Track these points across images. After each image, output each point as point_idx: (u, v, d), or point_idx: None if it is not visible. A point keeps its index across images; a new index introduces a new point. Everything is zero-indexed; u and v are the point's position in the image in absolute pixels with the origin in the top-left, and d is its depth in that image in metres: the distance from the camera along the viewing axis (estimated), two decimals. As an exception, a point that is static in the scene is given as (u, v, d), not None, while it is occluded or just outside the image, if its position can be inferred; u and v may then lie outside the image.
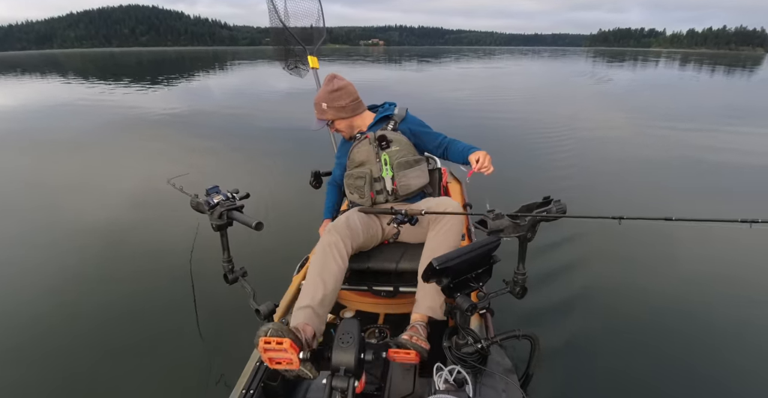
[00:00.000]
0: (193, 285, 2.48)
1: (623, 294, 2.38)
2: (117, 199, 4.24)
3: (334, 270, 1.48)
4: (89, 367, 1.97)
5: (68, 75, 22.83)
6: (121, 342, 2.13)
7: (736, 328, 2.09)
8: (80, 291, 2.64)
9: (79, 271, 2.91)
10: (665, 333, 2.06)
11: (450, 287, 1.26)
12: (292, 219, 3.45)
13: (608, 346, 1.98)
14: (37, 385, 1.88)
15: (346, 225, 1.59)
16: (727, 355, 1.91)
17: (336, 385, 1.18)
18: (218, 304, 2.37)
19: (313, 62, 2.62)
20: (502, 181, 4.20)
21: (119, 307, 2.44)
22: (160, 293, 2.55)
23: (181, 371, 1.92)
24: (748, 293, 2.38)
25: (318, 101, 1.82)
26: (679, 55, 63.00)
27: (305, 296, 1.43)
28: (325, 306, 1.42)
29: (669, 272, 2.59)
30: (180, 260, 2.84)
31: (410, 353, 1.30)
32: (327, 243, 1.52)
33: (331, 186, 2.05)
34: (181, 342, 2.11)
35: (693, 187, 4.28)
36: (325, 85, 1.82)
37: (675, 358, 1.89)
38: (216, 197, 1.39)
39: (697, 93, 13.96)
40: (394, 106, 1.91)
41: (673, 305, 2.27)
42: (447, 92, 12.93)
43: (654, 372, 1.81)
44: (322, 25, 2.75)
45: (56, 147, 6.54)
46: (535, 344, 1.36)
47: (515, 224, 1.20)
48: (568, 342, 1.99)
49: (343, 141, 1.96)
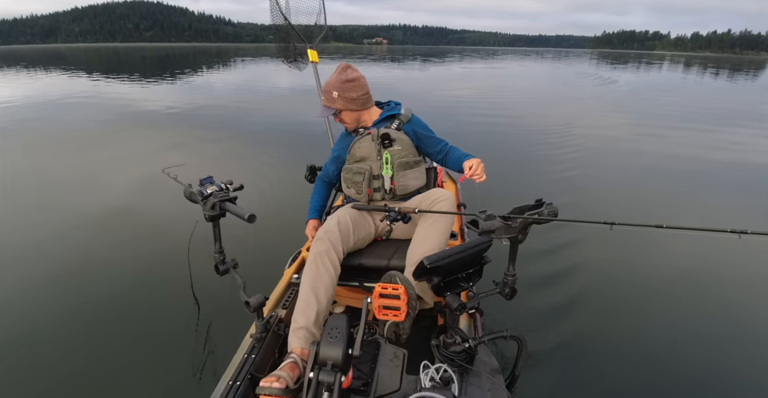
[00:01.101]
0: (191, 276, 2.50)
1: (612, 299, 2.38)
2: (113, 187, 4.25)
3: (326, 282, 1.48)
4: (76, 356, 1.97)
5: (78, 69, 22.83)
6: (109, 332, 2.13)
7: (726, 333, 2.08)
8: (72, 278, 2.64)
9: (71, 257, 2.92)
10: (652, 336, 2.06)
11: (440, 285, 1.26)
12: (285, 213, 3.45)
13: (595, 349, 1.98)
14: (29, 378, 1.88)
15: (338, 229, 1.58)
16: (714, 359, 1.91)
17: (322, 380, 1.18)
18: (208, 295, 2.38)
19: (312, 56, 2.63)
20: (498, 182, 4.21)
21: (109, 296, 2.44)
22: (152, 284, 2.55)
23: (168, 362, 1.92)
24: (738, 299, 2.38)
25: (329, 88, 1.78)
26: (682, 59, 62.78)
27: (301, 316, 1.41)
28: (320, 322, 1.42)
29: (659, 277, 2.59)
30: (174, 251, 2.87)
31: (398, 288, 1.25)
32: (317, 253, 1.51)
33: (320, 182, 2.02)
34: (168, 333, 2.11)
35: (689, 192, 4.27)
36: (339, 74, 1.78)
37: (661, 362, 1.89)
38: (210, 187, 1.39)
39: (700, 95, 13.92)
40: (400, 105, 1.90)
41: (660, 309, 2.28)
42: (451, 91, 12.93)
43: (640, 376, 1.81)
44: (324, 20, 2.75)
45: (64, 137, 6.57)
46: (522, 345, 1.36)
47: (507, 225, 1.20)
48: (554, 344, 1.98)
49: (343, 135, 1.93)
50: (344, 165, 1.85)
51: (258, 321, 1.39)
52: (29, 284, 2.62)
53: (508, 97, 11.92)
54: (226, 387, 1.23)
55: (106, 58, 41.11)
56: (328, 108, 1.81)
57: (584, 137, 6.56)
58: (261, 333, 1.39)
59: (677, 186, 4.40)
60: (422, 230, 1.57)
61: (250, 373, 1.26)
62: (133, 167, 4.99)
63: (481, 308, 1.48)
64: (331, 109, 1.80)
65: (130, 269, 2.74)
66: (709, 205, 3.90)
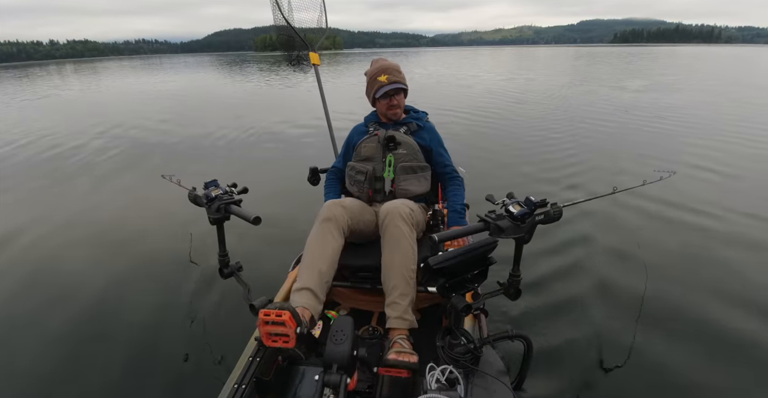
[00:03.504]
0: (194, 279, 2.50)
1: (618, 297, 2.36)
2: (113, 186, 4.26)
3: (332, 246, 1.51)
4: (80, 359, 1.97)
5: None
6: (113, 337, 2.13)
7: (740, 334, 2.04)
8: (77, 276, 2.64)
9: (78, 254, 2.94)
10: (660, 336, 2.04)
11: (446, 287, 1.26)
12: (288, 215, 3.45)
13: (603, 348, 1.96)
14: (32, 376, 1.89)
15: (341, 205, 1.62)
16: (726, 359, 1.89)
17: (328, 381, 1.18)
18: (213, 298, 2.38)
19: (314, 59, 2.63)
20: (500, 183, 4.21)
21: (113, 300, 2.44)
22: (156, 288, 2.54)
23: (173, 365, 1.91)
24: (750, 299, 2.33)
25: (392, 67, 1.83)
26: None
27: (303, 276, 1.44)
28: (324, 284, 1.44)
29: (667, 274, 2.56)
30: (179, 252, 2.87)
31: (401, 372, 1.30)
32: (324, 218, 1.55)
33: (332, 178, 2.01)
34: (173, 337, 2.10)
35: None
36: (385, 61, 1.87)
37: (671, 361, 1.87)
38: (214, 190, 1.40)
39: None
40: (426, 114, 1.97)
41: (669, 307, 2.25)
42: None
43: (649, 377, 1.80)
44: (325, 22, 2.76)
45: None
46: (528, 345, 1.36)
47: (515, 225, 1.21)
48: (561, 345, 1.98)
49: (357, 131, 1.96)
50: (350, 161, 1.88)
51: (262, 324, 1.38)
52: (31, 284, 2.63)
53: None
54: (231, 390, 1.23)
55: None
56: (399, 82, 1.81)
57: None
58: (265, 335, 1.38)
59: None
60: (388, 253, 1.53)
61: (255, 376, 1.26)
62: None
63: (485, 309, 1.47)
64: (400, 84, 1.81)
65: (131, 273, 2.73)
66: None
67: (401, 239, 1.50)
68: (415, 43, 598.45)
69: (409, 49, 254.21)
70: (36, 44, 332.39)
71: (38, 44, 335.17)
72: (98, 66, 52.41)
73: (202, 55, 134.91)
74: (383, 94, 1.81)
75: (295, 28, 2.60)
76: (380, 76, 1.80)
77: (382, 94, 1.81)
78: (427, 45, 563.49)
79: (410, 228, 1.54)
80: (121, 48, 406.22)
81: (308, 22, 2.69)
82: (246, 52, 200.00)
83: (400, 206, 1.56)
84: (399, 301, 1.46)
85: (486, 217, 1.23)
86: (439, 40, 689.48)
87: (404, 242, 1.50)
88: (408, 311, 1.46)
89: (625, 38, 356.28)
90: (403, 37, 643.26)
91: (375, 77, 1.82)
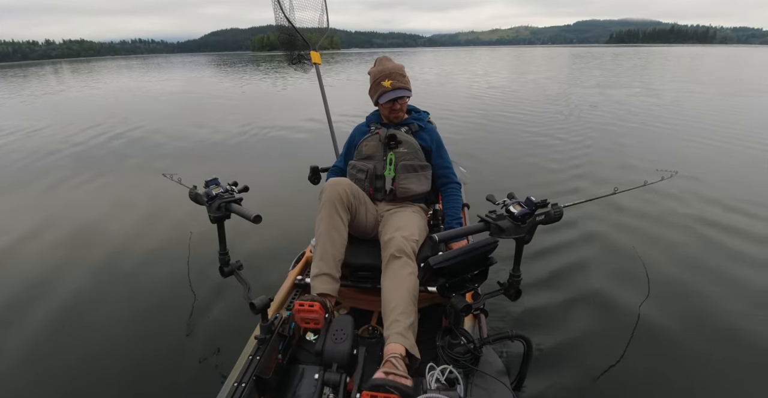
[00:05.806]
0: (188, 278, 2.49)
1: (619, 297, 2.37)
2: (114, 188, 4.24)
3: (340, 227, 1.59)
4: (76, 357, 1.96)
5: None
6: (112, 335, 2.12)
7: (734, 335, 2.05)
8: (74, 276, 2.63)
9: (73, 254, 2.92)
10: (660, 336, 2.04)
11: (446, 287, 1.26)
12: (288, 214, 3.44)
13: (603, 349, 1.97)
14: (26, 381, 1.87)
15: (339, 182, 1.65)
16: (723, 359, 1.89)
17: (328, 380, 1.18)
18: (213, 297, 2.37)
19: (315, 58, 2.63)
20: (500, 183, 4.22)
21: (112, 299, 2.43)
22: (155, 287, 2.53)
23: (172, 364, 1.90)
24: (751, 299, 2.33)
25: (397, 70, 1.78)
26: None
27: (320, 261, 1.54)
28: (338, 264, 1.56)
29: (667, 274, 2.57)
30: (178, 251, 2.87)
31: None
32: (328, 199, 1.59)
33: (334, 176, 1.99)
34: (172, 335, 2.10)
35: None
36: (389, 62, 1.84)
37: (671, 362, 1.88)
38: (215, 189, 1.39)
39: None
40: (427, 115, 1.97)
41: (670, 307, 2.25)
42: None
43: (649, 378, 1.80)
44: (326, 22, 2.77)
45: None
46: (528, 345, 1.37)
47: (516, 225, 1.21)
48: (561, 345, 1.98)
49: (359, 130, 1.96)
50: (351, 160, 1.88)
51: (262, 323, 1.39)
52: (32, 286, 2.61)
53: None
54: (231, 388, 1.22)
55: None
56: (404, 89, 1.78)
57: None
58: (265, 334, 1.38)
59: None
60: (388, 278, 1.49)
61: (254, 375, 1.25)
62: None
63: (485, 309, 1.48)
64: (405, 89, 1.79)
65: (130, 271, 2.73)
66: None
67: (402, 276, 1.46)
68: (412, 43, 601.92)
69: (407, 49, 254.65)
70: (32, 44, 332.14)
71: (34, 44, 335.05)
72: (95, 66, 52.15)
73: (200, 55, 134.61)
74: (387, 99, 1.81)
75: (296, 27, 2.60)
76: (384, 80, 1.77)
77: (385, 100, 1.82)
78: (424, 45, 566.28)
79: (412, 261, 1.50)
80: (117, 48, 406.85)
81: (309, 22, 2.70)
82: (244, 52, 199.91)
83: (401, 240, 1.50)
84: (400, 319, 1.36)
85: (486, 217, 1.23)
86: (437, 40, 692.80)
87: (405, 280, 1.45)
88: (409, 333, 1.34)
89: (621, 39, 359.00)
90: (400, 37, 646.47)
91: (379, 82, 1.79)
